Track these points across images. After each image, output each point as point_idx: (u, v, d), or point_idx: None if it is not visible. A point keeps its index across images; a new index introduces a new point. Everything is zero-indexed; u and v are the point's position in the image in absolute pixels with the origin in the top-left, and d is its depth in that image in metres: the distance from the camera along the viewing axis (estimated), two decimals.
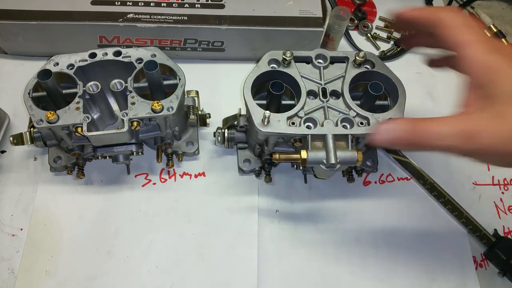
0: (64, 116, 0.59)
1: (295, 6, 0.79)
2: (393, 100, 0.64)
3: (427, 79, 0.88)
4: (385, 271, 0.70)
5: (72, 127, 0.60)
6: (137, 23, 0.75)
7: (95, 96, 0.61)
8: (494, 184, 0.79)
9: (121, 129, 0.60)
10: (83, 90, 0.61)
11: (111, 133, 0.60)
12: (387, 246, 0.72)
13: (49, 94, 0.62)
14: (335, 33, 0.83)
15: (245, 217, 0.72)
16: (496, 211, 0.77)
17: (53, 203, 0.71)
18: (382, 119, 0.60)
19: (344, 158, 0.58)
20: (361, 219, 0.73)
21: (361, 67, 0.65)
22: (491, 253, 0.71)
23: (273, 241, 0.70)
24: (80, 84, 0.62)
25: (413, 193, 0.76)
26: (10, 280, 0.65)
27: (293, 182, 0.75)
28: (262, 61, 0.64)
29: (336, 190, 0.75)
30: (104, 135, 0.60)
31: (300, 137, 0.61)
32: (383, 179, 0.77)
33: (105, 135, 0.60)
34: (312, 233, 0.72)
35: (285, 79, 0.64)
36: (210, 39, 0.80)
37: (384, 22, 0.95)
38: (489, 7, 1.00)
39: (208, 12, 0.77)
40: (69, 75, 0.63)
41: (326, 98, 0.63)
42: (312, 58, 0.65)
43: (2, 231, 0.68)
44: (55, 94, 0.62)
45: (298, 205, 0.74)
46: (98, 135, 0.60)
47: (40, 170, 0.73)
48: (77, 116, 0.59)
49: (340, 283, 0.68)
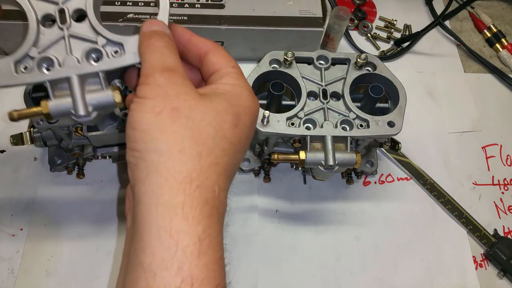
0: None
1: (295, 6, 0.79)
2: (393, 103, 0.64)
3: (427, 79, 0.88)
4: (385, 271, 0.70)
5: (72, 127, 0.60)
6: (137, 23, 0.75)
7: None
8: (494, 184, 0.79)
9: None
10: None
11: (111, 133, 0.60)
12: (387, 246, 0.72)
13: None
14: (335, 33, 0.83)
15: (245, 217, 0.72)
16: (496, 211, 0.77)
17: (53, 203, 0.71)
18: (382, 122, 0.60)
19: (343, 160, 0.58)
20: (361, 219, 0.73)
21: (362, 69, 0.65)
22: (491, 253, 0.71)
23: (273, 241, 0.70)
24: None
25: (413, 193, 0.76)
26: (10, 280, 0.65)
27: (293, 182, 0.75)
28: (263, 61, 0.64)
29: (336, 190, 0.75)
30: (104, 135, 0.60)
31: (299, 138, 0.61)
32: (383, 179, 0.77)
33: (105, 135, 0.60)
34: (312, 233, 0.72)
35: (285, 80, 0.64)
36: (210, 39, 0.79)
37: (384, 22, 0.95)
38: (489, 7, 1.00)
39: (208, 12, 0.77)
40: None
41: (326, 100, 0.63)
42: (313, 59, 0.65)
43: (2, 231, 0.68)
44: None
45: (298, 205, 0.74)
46: (98, 135, 0.60)
47: (40, 170, 0.73)
48: None
49: (340, 283, 0.68)
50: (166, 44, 0.41)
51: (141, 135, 0.37)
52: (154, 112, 0.37)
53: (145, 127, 0.37)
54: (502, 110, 0.87)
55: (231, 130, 0.39)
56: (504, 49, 0.93)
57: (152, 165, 0.36)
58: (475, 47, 0.94)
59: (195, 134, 0.37)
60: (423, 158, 0.78)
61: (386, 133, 0.60)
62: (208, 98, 0.39)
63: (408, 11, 0.97)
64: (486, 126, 0.85)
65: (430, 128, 0.83)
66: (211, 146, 0.37)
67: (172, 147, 0.36)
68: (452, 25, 0.97)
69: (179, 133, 0.36)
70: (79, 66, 0.42)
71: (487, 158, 0.81)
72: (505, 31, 0.96)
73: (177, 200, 0.35)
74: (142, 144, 0.36)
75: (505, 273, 0.70)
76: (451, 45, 0.94)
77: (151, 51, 0.40)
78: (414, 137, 0.79)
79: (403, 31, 0.94)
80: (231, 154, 0.39)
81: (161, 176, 0.35)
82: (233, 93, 0.40)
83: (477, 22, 0.97)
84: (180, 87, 0.38)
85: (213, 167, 0.37)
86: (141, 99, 0.38)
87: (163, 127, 0.36)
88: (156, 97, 0.37)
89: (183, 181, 0.35)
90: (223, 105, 0.39)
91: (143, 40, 0.41)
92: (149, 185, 0.35)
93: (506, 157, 0.82)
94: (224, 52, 0.44)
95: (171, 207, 0.35)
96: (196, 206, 0.35)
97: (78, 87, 0.42)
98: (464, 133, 0.83)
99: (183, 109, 0.37)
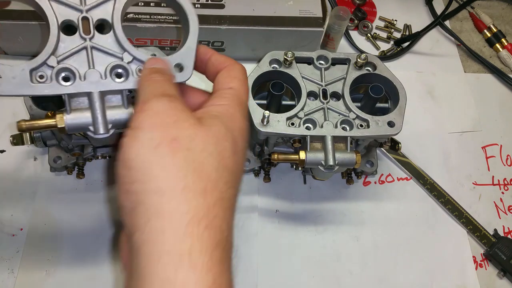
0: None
1: (295, 6, 0.79)
2: (393, 103, 0.64)
3: (427, 79, 0.88)
4: (385, 271, 0.70)
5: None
6: (137, 23, 0.75)
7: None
8: (494, 184, 0.79)
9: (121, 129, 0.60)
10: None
11: (111, 133, 0.60)
12: (387, 246, 0.72)
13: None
14: (335, 33, 0.83)
15: (245, 217, 0.72)
16: (496, 211, 0.77)
17: (53, 203, 0.70)
18: (382, 122, 0.60)
19: (343, 160, 0.58)
20: (361, 219, 0.73)
21: (362, 69, 0.65)
22: (491, 253, 0.71)
23: (273, 241, 0.70)
24: None
25: (413, 193, 0.76)
26: (10, 280, 0.65)
27: (293, 182, 0.75)
28: (263, 61, 0.64)
29: (336, 190, 0.75)
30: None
31: (299, 138, 0.61)
32: (383, 179, 0.77)
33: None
34: (312, 233, 0.72)
35: (286, 80, 0.64)
36: (210, 39, 0.79)
37: (384, 22, 0.95)
38: (489, 7, 1.00)
39: (208, 12, 0.77)
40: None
41: (326, 100, 0.63)
42: (313, 59, 0.65)
43: (2, 231, 0.68)
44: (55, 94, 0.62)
45: (298, 205, 0.74)
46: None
47: (40, 170, 0.73)
48: None
49: (340, 283, 0.68)
50: (167, 79, 0.39)
51: (138, 175, 0.32)
52: (151, 146, 0.33)
53: (142, 165, 0.32)
54: (502, 110, 0.87)
55: (232, 158, 0.36)
56: (504, 49, 0.93)
57: (153, 209, 0.31)
58: (475, 47, 0.94)
59: (198, 167, 0.33)
60: (423, 158, 0.78)
61: (386, 133, 0.60)
62: (206, 124, 0.36)
63: (408, 11, 0.97)
64: (486, 126, 0.85)
65: (430, 128, 0.83)
66: (215, 179, 0.33)
67: (175, 184, 0.32)
68: (452, 25, 0.97)
69: (181, 168, 0.32)
70: (103, 82, 0.40)
71: (487, 158, 0.81)
72: (505, 31, 0.96)
73: (184, 246, 0.30)
74: (140, 185, 0.32)
75: (505, 273, 0.70)
76: (451, 45, 0.94)
77: (150, 83, 0.38)
78: (414, 137, 0.79)
79: (403, 31, 0.94)
80: (234, 186, 0.36)
81: (164, 219, 0.31)
82: (226, 115, 0.38)
83: (477, 22, 0.97)
84: (180, 113, 0.35)
85: (219, 203, 0.33)
86: (136, 130, 0.34)
87: (163, 163, 0.32)
88: (153, 128, 0.34)
89: (190, 222, 0.31)
90: (222, 131, 0.36)
91: (145, 74, 0.40)
92: (150, 232, 0.31)
93: (506, 157, 0.82)
94: (236, 72, 0.42)
95: (177, 255, 0.30)
96: (206, 251, 0.31)
97: (100, 104, 0.40)
98: (464, 133, 0.83)
99: (183, 140, 0.33)
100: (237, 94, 0.40)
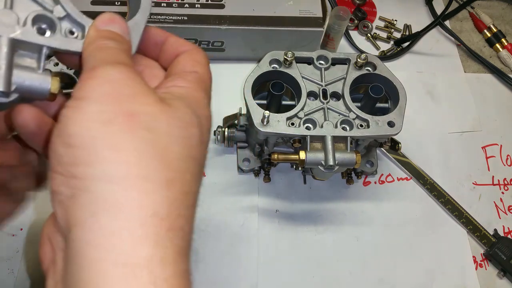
0: None
1: (295, 6, 0.79)
2: (393, 103, 0.64)
3: (427, 79, 0.88)
4: (385, 271, 0.70)
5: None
6: None
7: None
8: (494, 184, 0.79)
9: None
10: None
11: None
12: (387, 246, 0.72)
13: None
14: (335, 33, 0.83)
15: (245, 217, 0.72)
16: (496, 211, 0.77)
17: None
18: (382, 122, 0.60)
19: (343, 160, 0.58)
20: (361, 219, 0.73)
21: (362, 69, 0.65)
22: (491, 253, 0.71)
23: (273, 241, 0.70)
24: None
25: (413, 193, 0.76)
26: (10, 280, 0.65)
27: (293, 182, 0.75)
28: (263, 61, 0.64)
29: (336, 190, 0.75)
30: None
31: (299, 138, 0.61)
32: (383, 179, 0.77)
33: None
34: (312, 233, 0.72)
35: (286, 80, 0.64)
36: (210, 39, 0.79)
37: (384, 22, 0.95)
38: (489, 7, 1.00)
39: (208, 12, 0.77)
40: (70, 75, 0.63)
41: (326, 100, 0.63)
42: (313, 59, 0.65)
43: (2, 231, 0.68)
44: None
45: (298, 205, 0.74)
46: None
47: None
48: None
49: (340, 283, 0.68)
50: (124, 49, 0.33)
51: (82, 155, 0.26)
52: (101, 121, 0.26)
53: (87, 143, 0.26)
54: (502, 110, 0.87)
55: (199, 148, 0.30)
56: (504, 49, 0.93)
57: (100, 200, 0.25)
58: (475, 47, 0.94)
59: (161, 152, 0.27)
60: (423, 158, 0.78)
61: (386, 133, 0.60)
62: (171, 104, 0.29)
63: (408, 11, 0.97)
64: (486, 126, 0.85)
65: (430, 128, 0.83)
66: (180, 170, 0.28)
67: (130, 171, 0.25)
68: (452, 25, 0.97)
69: (139, 151, 0.26)
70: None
71: (487, 158, 0.81)
72: (505, 31, 0.95)
73: (141, 254, 0.24)
74: (84, 168, 0.25)
75: (505, 273, 0.70)
76: (451, 45, 0.94)
77: (102, 49, 0.32)
78: (414, 137, 0.79)
79: (403, 31, 0.94)
80: (199, 179, 0.31)
81: (116, 216, 0.24)
82: (192, 99, 0.31)
83: (477, 22, 0.97)
84: (140, 85, 0.29)
85: (184, 198, 0.28)
86: (81, 100, 0.27)
87: (116, 142, 0.26)
88: (105, 98, 0.27)
89: (149, 222, 0.25)
90: (189, 115, 0.30)
91: (95, 37, 0.33)
92: (95, 231, 0.24)
93: (506, 157, 0.82)
94: (200, 57, 0.36)
95: (131, 266, 0.24)
96: (168, 261, 0.25)
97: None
98: (464, 133, 0.83)
99: (143, 116, 0.27)
100: (202, 79, 0.34)
